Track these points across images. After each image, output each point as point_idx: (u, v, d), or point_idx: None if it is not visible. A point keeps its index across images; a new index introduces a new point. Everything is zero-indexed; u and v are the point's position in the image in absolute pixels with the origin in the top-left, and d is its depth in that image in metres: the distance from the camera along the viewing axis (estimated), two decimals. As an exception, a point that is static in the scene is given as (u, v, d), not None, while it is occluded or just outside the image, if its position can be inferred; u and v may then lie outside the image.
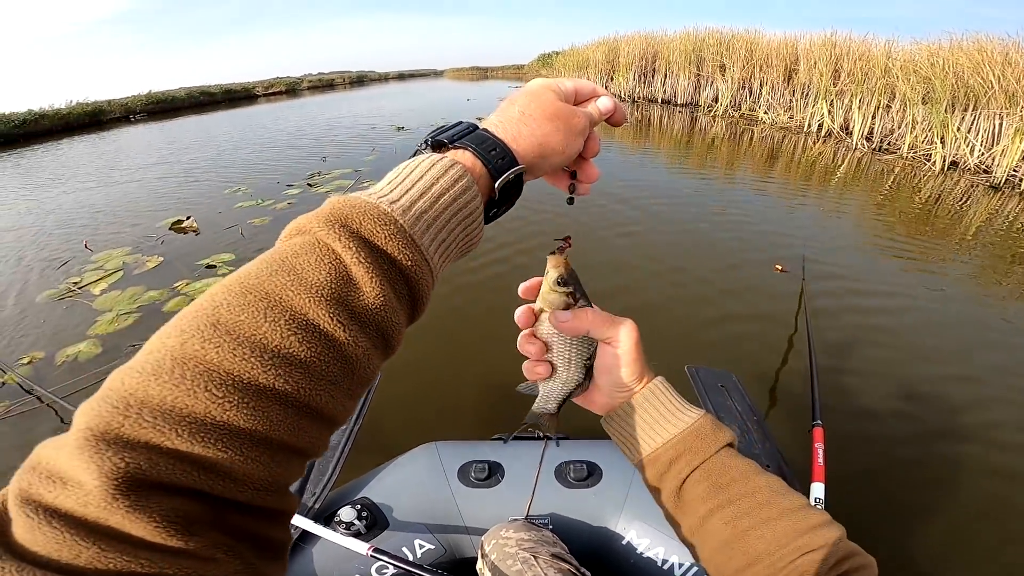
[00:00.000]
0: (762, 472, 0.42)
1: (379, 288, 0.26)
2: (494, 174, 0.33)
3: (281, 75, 47.24)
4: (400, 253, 0.27)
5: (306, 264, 0.25)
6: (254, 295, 0.24)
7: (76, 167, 8.27)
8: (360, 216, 0.27)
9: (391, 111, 13.12)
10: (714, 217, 4.06)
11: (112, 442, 0.20)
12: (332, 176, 5.47)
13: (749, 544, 0.39)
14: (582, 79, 0.42)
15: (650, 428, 0.44)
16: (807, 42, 9.38)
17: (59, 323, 2.74)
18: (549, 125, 0.36)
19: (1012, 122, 5.41)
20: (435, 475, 1.01)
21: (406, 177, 0.30)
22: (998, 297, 2.86)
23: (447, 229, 0.30)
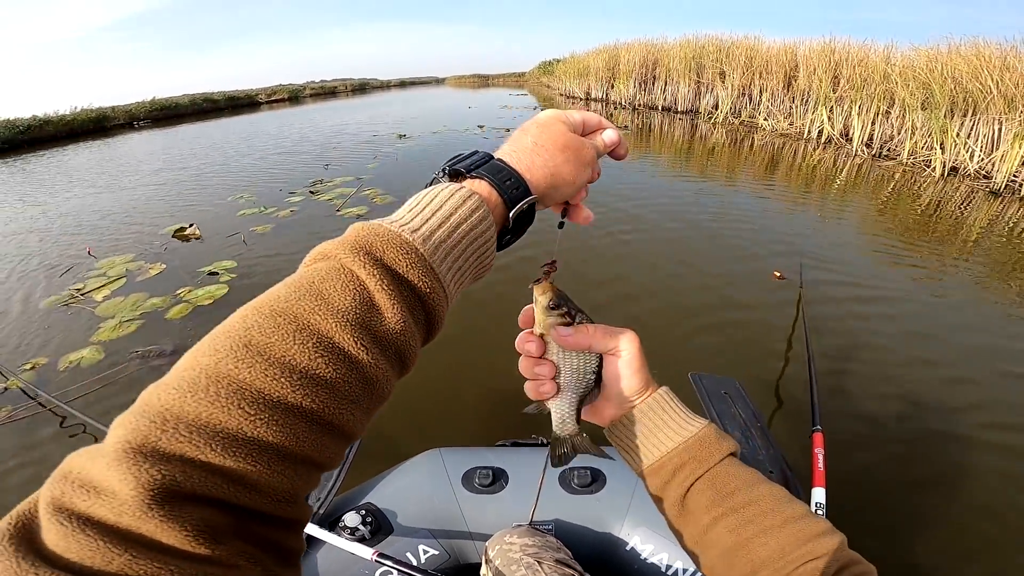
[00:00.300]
0: (765, 481, 0.43)
1: (400, 314, 0.27)
2: (509, 204, 0.35)
3: (284, 82, 47.57)
4: (420, 280, 0.28)
5: (332, 289, 0.26)
6: (284, 318, 0.25)
7: (81, 173, 8.33)
8: (383, 244, 0.28)
9: (393, 119, 13.17)
10: (714, 224, 4.06)
11: (149, 455, 0.21)
12: (334, 184, 5.48)
13: (752, 552, 0.39)
14: (589, 112, 0.43)
15: (654, 437, 0.45)
16: (806, 48, 9.41)
17: (62, 329, 2.76)
18: (560, 156, 0.37)
19: (1011, 127, 5.41)
20: (439, 481, 1.01)
21: (426, 206, 0.31)
22: (1000, 303, 2.86)
23: (463, 257, 0.32)
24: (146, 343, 2.52)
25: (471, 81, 54.34)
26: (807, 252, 3.33)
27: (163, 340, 2.54)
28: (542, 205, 0.39)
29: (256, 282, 3.12)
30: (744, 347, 2.35)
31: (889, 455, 1.76)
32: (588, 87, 17.23)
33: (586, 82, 17.31)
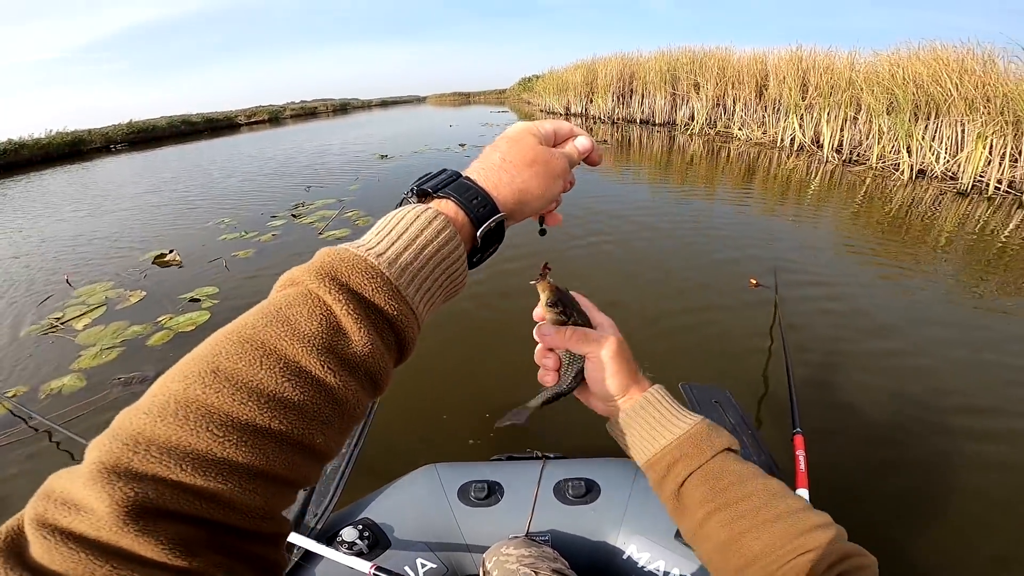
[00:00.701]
0: (761, 476, 0.44)
1: (367, 337, 0.28)
2: (476, 223, 0.35)
3: (263, 103, 47.48)
4: (387, 304, 0.29)
5: (299, 315, 0.27)
6: (251, 344, 0.26)
7: (57, 199, 8.22)
8: (348, 269, 0.28)
9: (375, 139, 13.21)
10: (693, 233, 4.14)
11: (122, 474, 0.22)
12: (316, 206, 5.45)
13: (745, 545, 0.40)
14: (560, 120, 0.45)
15: (647, 435, 0.46)
16: (775, 57, 9.66)
17: (42, 358, 2.72)
18: (528, 171, 0.38)
19: (973, 128, 5.60)
20: (435, 495, 1.02)
21: (392, 228, 0.32)
22: (974, 301, 2.94)
23: (431, 278, 0.32)
24: (128, 370, 2.48)
25: (452, 99, 54.84)
26: (782, 259, 3.41)
27: (145, 367, 2.50)
28: (512, 221, 0.39)
29: (238, 307, 2.99)
30: (724, 354, 2.39)
31: (872, 453, 1.80)
32: (568, 102, 17.46)
33: (565, 97, 17.55)
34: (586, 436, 1.84)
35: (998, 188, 5.33)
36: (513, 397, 0.50)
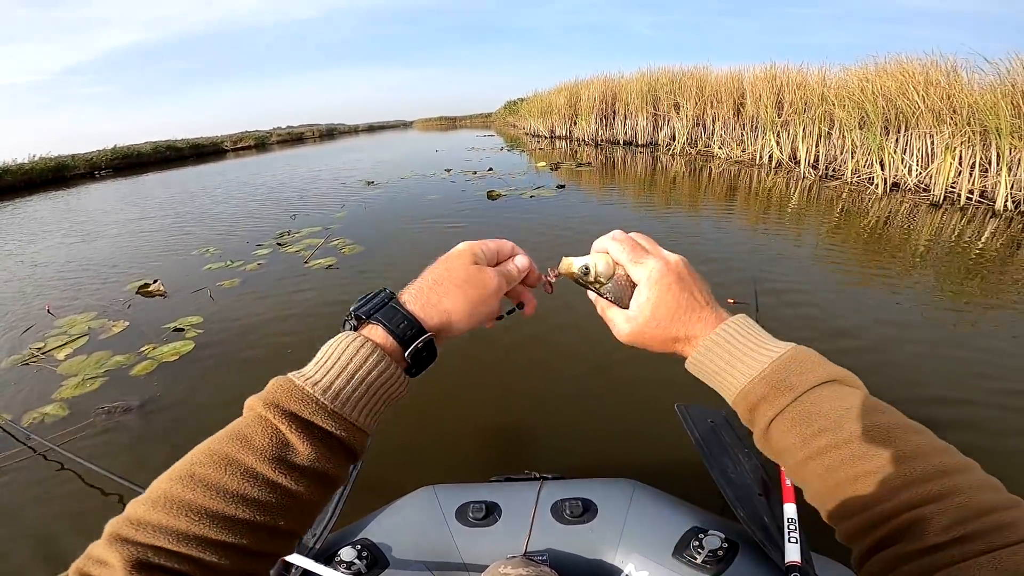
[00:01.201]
0: (864, 414, 0.38)
1: (310, 447, 0.35)
2: (404, 345, 0.40)
3: (250, 128, 47.67)
4: (323, 422, 0.36)
5: (253, 433, 0.35)
6: (217, 455, 0.34)
7: (40, 226, 8.17)
8: (289, 398, 0.36)
9: (361, 165, 13.28)
10: (677, 252, 4.20)
11: (127, 542, 0.30)
12: (302, 235, 5.46)
13: (845, 498, 0.37)
14: (503, 240, 0.48)
15: (724, 371, 0.43)
16: (751, 75, 9.89)
17: (24, 387, 2.71)
18: (458, 292, 0.42)
19: (942, 140, 5.76)
20: (433, 516, 1.02)
21: (328, 358, 0.38)
22: (955, 310, 2.98)
23: (366, 396, 0.38)
24: (111, 400, 2.46)
25: (439, 124, 55.49)
26: (764, 275, 3.47)
27: (128, 396, 2.48)
28: (444, 337, 0.43)
29: (223, 337, 3.08)
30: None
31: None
32: (552, 125, 17.74)
33: (550, 120, 17.83)
34: (583, 457, 1.87)
35: (970, 198, 5.48)
36: (510, 419, 0.52)
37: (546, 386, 2.26)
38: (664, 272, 0.45)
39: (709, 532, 0.90)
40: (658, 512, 0.99)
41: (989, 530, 0.30)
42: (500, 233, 4.83)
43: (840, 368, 0.41)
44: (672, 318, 0.45)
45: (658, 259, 0.46)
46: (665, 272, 0.45)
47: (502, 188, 7.23)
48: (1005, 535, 0.29)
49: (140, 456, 2.07)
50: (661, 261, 0.46)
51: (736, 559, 0.87)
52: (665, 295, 0.45)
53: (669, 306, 0.45)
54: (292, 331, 3.08)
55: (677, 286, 0.45)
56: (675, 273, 0.45)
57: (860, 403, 0.38)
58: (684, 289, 0.45)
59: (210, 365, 2.77)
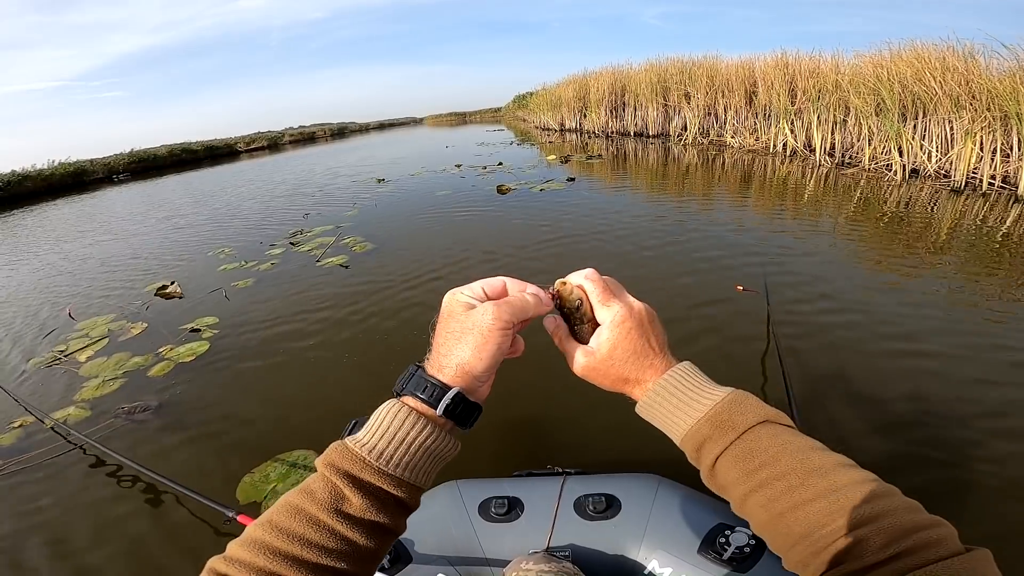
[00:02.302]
0: (799, 451, 0.41)
1: (362, 500, 0.41)
2: (434, 406, 0.44)
3: (262, 129, 48.05)
4: (373, 478, 0.42)
5: (316, 488, 0.41)
6: (290, 506, 0.40)
7: (61, 232, 8.35)
8: (342, 459, 0.42)
9: (373, 163, 13.33)
10: (691, 245, 4.11)
11: (221, 574, 0.37)
12: (314, 233, 5.50)
13: (786, 526, 0.40)
14: (491, 277, 0.49)
15: (672, 415, 0.47)
16: (762, 63, 9.73)
17: (47, 389, 2.79)
18: (459, 343, 0.45)
19: (961, 126, 5.64)
20: (456, 511, 1.03)
21: (378, 425, 0.44)
22: (981, 302, 2.83)
23: (410, 453, 0.43)
24: (131, 400, 2.52)
25: (449, 119, 55.44)
26: (777, 264, 3.41)
27: (147, 397, 2.54)
28: (477, 390, 0.46)
29: (238, 337, 3.13)
30: (722, 370, 2.34)
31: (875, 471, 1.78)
32: (561, 118, 17.62)
33: (559, 113, 17.72)
34: (606, 452, 1.86)
35: (992, 184, 5.35)
36: (531, 414, 0.53)
37: (566, 381, 2.20)
38: (627, 317, 0.48)
39: (736, 529, 0.89)
40: (683, 508, 0.98)
41: (920, 547, 0.34)
42: (510, 227, 4.89)
43: (774, 409, 0.45)
44: (626, 360, 0.48)
45: (623, 304, 0.49)
46: (628, 317, 0.48)
47: (512, 182, 7.22)
48: (936, 551, 0.33)
49: (160, 453, 2.12)
50: (626, 307, 0.49)
51: (763, 557, 0.85)
52: (624, 338, 0.48)
53: (626, 349, 0.48)
54: (306, 329, 3.11)
55: (636, 331, 0.48)
56: (636, 319, 0.48)
57: (794, 440, 0.43)
58: (642, 336, 0.48)
59: (225, 365, 2.82)
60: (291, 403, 2.38)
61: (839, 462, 0.41)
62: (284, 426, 2.19)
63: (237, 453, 2.04)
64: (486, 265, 3.89)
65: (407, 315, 3.13)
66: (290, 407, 2.35)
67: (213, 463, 2.03)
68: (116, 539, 1.71)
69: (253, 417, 2.31)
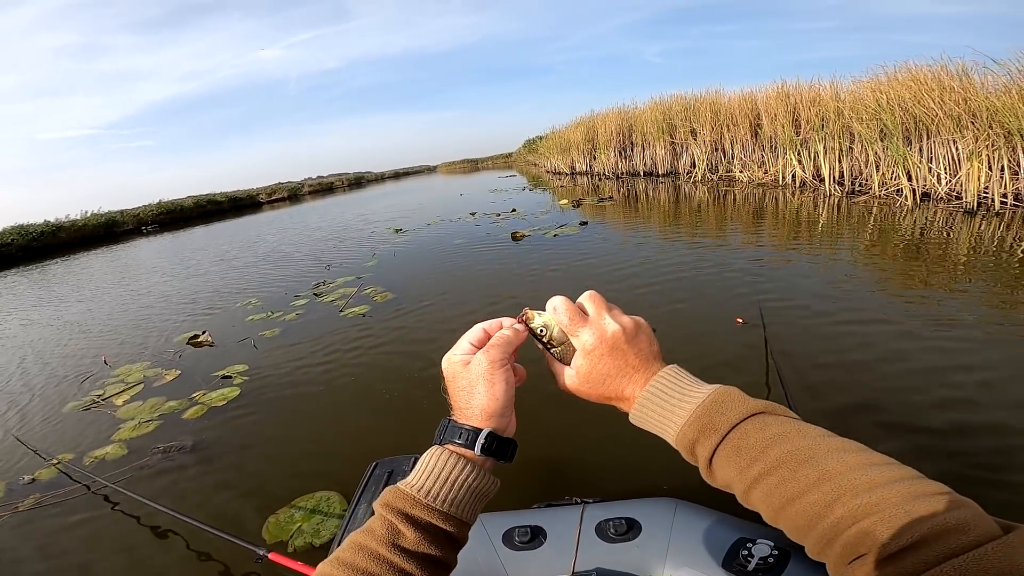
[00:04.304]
0: (787, 439, 0.41)
1: (415, 534, 0.45)
2: (472, 447, 0.49)
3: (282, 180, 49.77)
4: (424, 514, 0.47)
5: (375, 526, 0.46)
6: (353, 544, 0.45)
7: (95, 283, 8.77)
8: (395, 499, 0.47)
9: (390, 212, 13.67)
10: (704, 281, 4.15)
11: None
12: (336, 284, 5.65)
13: (789, 520, 0.40)
14: (470, 330, 0.54)
15: (662, 418, 0.49)
16: (764, 95, 9.87)
17: (85, 430, 2.94)
18: (470, 394, 0.50)
19: (965, 145, 5.63)
20: (481, 541, 1.04)
21: (424, 469, 0.49)
22: (1008, 327, 2.73)
23: (455, 491, 0.48)
24: (166, 440, 2.63)
25: (462, 167, 56.90)
26: (760, 295, 3.42)
27: (182, 437, 2.65)
28: (505, 425, 0.52)
29: (267, 383, 3.24)
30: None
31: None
32: (572, 161, 17.95)
33: (569, 156, 18.06)
34: (623, 480, 1.89)
35: (1004, 202, 5.33)
36: (545, 449, 0.61)
37: (576, 413, 2.25)
38: (596, 344, 0.50)
39: (757, 541, 0.89)
40: (702, 525, 0.99)
41: (937, 535, 0.31)
42: (525, 273, 5.00)
43: (762, 401, 0.46)
44: (603, 383, 0.51)
45: (593, 330, 0.51)
46: (598, 344, 0.50)
47: (526, 228, 7.35)
48: (956, 538, 0.30)
49: (192, 491, 2.20)
50: (596, 334, 0.50)
51: (788, 566, 0.85)
52: (596, 364, 0.51)
53: (600, 373, 0.51)
54: (331, 376, 3.21)
55: (608, 356, 0.50)
56: (608, 344, 0.50)
57: (784, 430, 0.42)
58: (617, 357, 0.50)
59: (255, 409, 2.91)
60: (316, 446, 2.45)
61: (835, 447, 0.40)
62: (309, 467, 2.25)
63: (264, 492, 2.11)
64: (500, 311, 3.92)
65: (425, 363, 3.19)
66: (315, 450, 2.42)
67: (241, 501, 2.09)
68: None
69: (280, 458, 2.39)
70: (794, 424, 0.43)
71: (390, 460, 1.40)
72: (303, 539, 1.79)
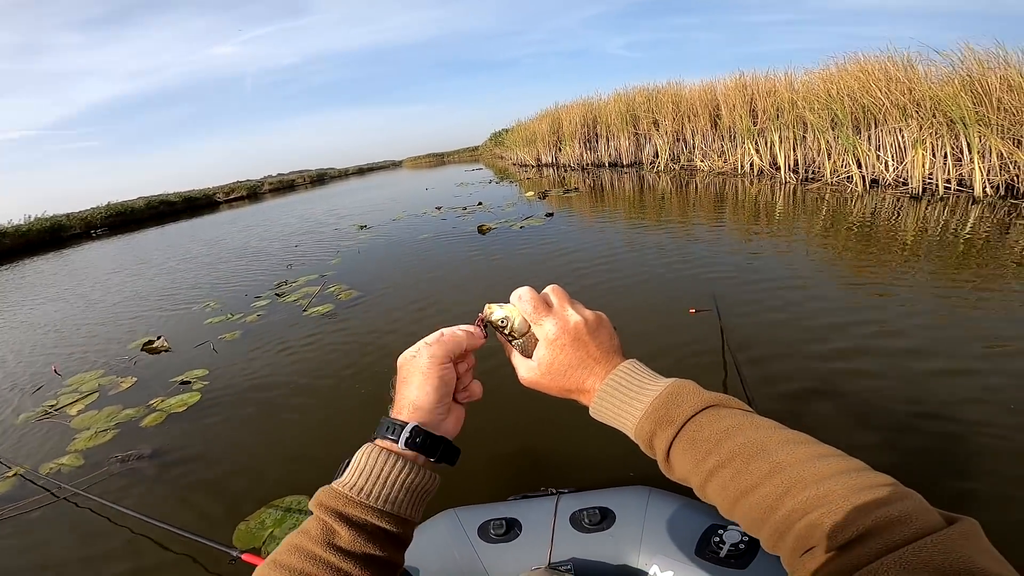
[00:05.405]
0: (739, 431, 0.42)
1: (350, 533, 0.44)
2: (397, 441, 0.48)
3: (241, 178, 48.02)
4: (357, 511, 0.45)
5: (310, 526, 0.45)
6: (289, 545, 0.44)
7: (41, 290, 8.26)
8: (330, 499, 0.46)
9: (354, 209, 13.39)
10: (660, 270, 4.24)
11: None
12: (299, 283, 5.51)
13: (743, 513, 0.40)
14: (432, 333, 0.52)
15: (620, 412, 0.48)
16: (723, 86, 10.12)
17: (39, 442, 2.81)
18: (408, 387, 0.50)
19: (910, 134, 5.91)
20: (457, 536, 1.05)
21: (356, 467, 0.48)
22: (957, 306, 2.87)
23: (387, 487, 0.47)
24: (124, 449, 2.52)
25: (427, 161, 56.26)
26: (719, 285, 3.50)
27: (140, 445, 2.55)
28: (437, 426, 0.50)
29: (228, 388, 3.14)
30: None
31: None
32: (537, 153, 18.00)
33: (535, 148, 18.09)
34: (596, 470, 1.90)
35: (947, 187, 5.62)
36: (518, 442, 0.59)
37: (548, 404, 2.25)
38: (558, 335, 0.50)
39: (728, 528, 0.92)
40: (675, 513, 1.01)
41: (881, 527, 0.31)
42: (491, 266, 5.00)
43: (717, 394, 0.46)
44: (564, 374, 0.51)
45: (556, 320, 0.50)
46: (560, 334, 0.50)
47: (492, 221, 7.34)
48: (899, 530, 0.30)
49: (155, 500, 2.12)
50: (559, 324, 0.50)
51: (760, 551, 0.88)
52: (558, 355, 0.50)
53: (562, 364, 0.50)
54: (294, 378, 3.13)
55: (571, 347, 0.50)
56: (571, 335, 0.50)
57: (737, 422, 0.42)
58: (578, 348, 0.50)
59: (217, 414, 2.82)
60: (282, 450, 2.39)
61: (786, 439, 0.40)
62: (276, 472, 2.20)
63: (231, 499, 2.05)
64: (466, 306, 3.94)
65: (392, 361, 3.11)
66: (282, 453, 2.36)
67: (208, 509, 2.03)
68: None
69: (246, 464, 2.32)
70: (747, 416, 0.43)
71: None
72: (275, 545, 1.72)
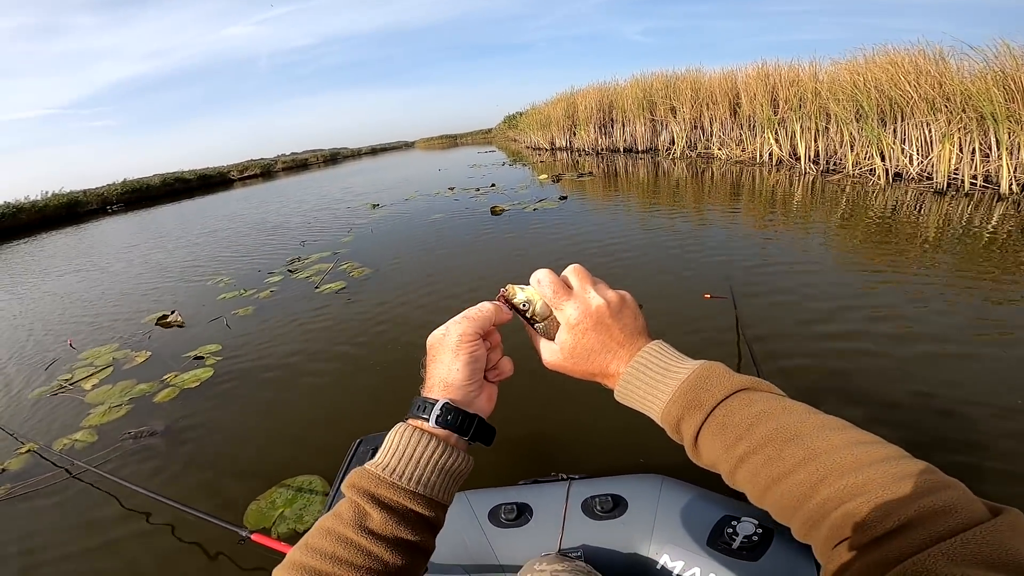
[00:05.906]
0: (772, 416, 0.40)
1: (381, 515, 0.43)
2: (428, 421, 0.47)
3: (255, 156, 48.09)
4: (389, 492, 0.44)
5: (343, 509, 0.44)
6: (321, 528, 0.44)
7: (57, 263, 8.40)
8: (363, 480, 0.45)
9: (367, 188, 13.38)
10: (680, 260, 4.17)
11: None
12: (311, 260, 5.53)
13: (775, 500, 0.38)
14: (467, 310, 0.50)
15: (646, 396, 0.47)
16: (744, 75, 9.92)
17: (53, 417, 2.83)
18: (438, 366, 0.48)
19: (938, 128, 5.77)
20: (467, 520, 1.04)
21: (388, 447, 0.47)
22: (973, 306, 2.79)
23: (420, 468, 0.46)
24: (137, 425, 2.55)
25: (440, 142, 55.87)
26: (732, 273, 3.45)
27: (153, 421, 2.57)
28: (469, 404, 0.48)
29: (241, 363, 3.16)
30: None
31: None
32: (551, 137, 17.83)
33: (549, 132, 17.94)
34: (609, 456, 1.90)
35: (974, 184, 5.47)
36: (531, 426, 0.57)
37: (561, 389, 2.25)
38: (581, 318, 0.48)
39: (742, 519, 0.90)
40: (688, 503, 0.99)
41: (923, 517, 0.30)
42: (505, 247, 4.97)
43: (748, 377, 0.44)
44: (587, 358, 0.49)
45: (578, 304, 0.49)
46: (582, 318, 0.48)
47: (505, 203, 7.29)
48: (943, 521, 0.29)
49: (166, 477, 2.14)
50: (581, 307, 0.49)
51: (772, 545, 0.86)
52: (581, 339, 0.49)
53: (585, 348, 0.49)
54: (307, 355, 3.15)
55: (593, 331, 0.48)
56: (593, 318, 0.48)
57: (770, 407, 0.41)
58: (601, 332, 0.48)
59: (229, 389, 2.85)
60: (295, 428, 2.40)
61: (821, 425, 0.38)
62: (288, 450, 2.21)
63: (243, 477, 2.06)
64: (480, 285, 3.93)
65: (406, 339, 3.15)
66: (294, 432, 2.37)
67: (219, 487, 2.05)
68: (129, 562, 1.73)
69: (258, 441, 2.34)
70: (780, 401, 0.42)
71: (375, 437, 1.36)
72: (286, 525, 1.76)
